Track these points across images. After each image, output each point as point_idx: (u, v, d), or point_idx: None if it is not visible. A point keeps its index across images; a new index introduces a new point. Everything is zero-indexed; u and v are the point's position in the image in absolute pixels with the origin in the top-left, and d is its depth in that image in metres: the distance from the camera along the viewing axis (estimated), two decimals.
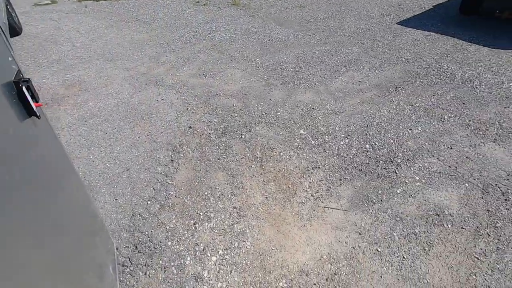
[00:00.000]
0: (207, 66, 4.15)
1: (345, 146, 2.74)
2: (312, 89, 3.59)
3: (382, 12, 5.81)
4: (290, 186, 2.38)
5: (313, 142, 2.79)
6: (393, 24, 5.29)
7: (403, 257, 1.89)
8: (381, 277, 1.80)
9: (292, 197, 2.30)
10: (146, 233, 2.07)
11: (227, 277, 1.82)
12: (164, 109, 3.30)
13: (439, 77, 3.76)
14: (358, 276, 1.81)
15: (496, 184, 2.34)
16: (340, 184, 2.39)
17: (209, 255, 1.94)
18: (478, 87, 3.53)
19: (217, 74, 3.96)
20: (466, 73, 3.80)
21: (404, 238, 2.00)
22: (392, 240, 1.99)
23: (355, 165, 2.55)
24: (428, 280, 1.78)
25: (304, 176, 2.46)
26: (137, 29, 5.46)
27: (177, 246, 1.99)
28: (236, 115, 3.18)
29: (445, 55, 4.26)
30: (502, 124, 2.95)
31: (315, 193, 2.32)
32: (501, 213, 2.13)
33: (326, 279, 1.80)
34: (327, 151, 2.69)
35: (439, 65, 4.00)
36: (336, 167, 2.53)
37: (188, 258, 1.92)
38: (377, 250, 1.94)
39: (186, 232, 2.07)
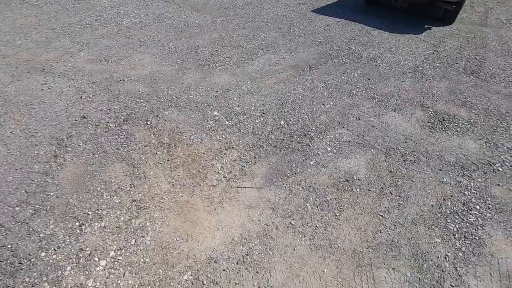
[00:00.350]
0: (111, 52, 3.64)
1: (260, 124, 2.63)
2: (228, 71, 3.42)
3: (298, 1, 5.99)
4: (200, 170, 2.16)
5: (227, 122, 2.61)
6: (308, 11, 5.48)
7: (316, 226, 1.84)
8: (294, 249, 1.71)
9: (202, 181, 2.07)
10: (9, 246, 1.60)
11: (119, 282, 1.50)
12: (51, 99, 2.74)
13: (348, 57, 3.97)
14: (271, 253, 1.68)
15: (397, 147, 2.50)
16: (255, 162, 2.26)
17: (96, 259, 1.59)
18: (380, 65, 3.83)
19: (123, 59, 3.50)
20: (371, 53, 4.11)
21: (317, 207, 1.96)
22: (305, 211, 1.93)
23: (270, 142, 2.45)
24: (339, 244, 1.75)
25: (217, 157, 2.26)
26: (22, 12, 4.55)
27: (54, 256, 1.58)
28: (142, 100, 2.81)
29: (353, 38, 4.55)
30: (400, 95, 3.22)
31: (227, 174, 2.14)
32: (401, 172, 2.26)
33: (237, 262, 1.63)
34: (241, 131, 2.54)
35: (348, 47, 4.24)
36: (251, 146, 2.40)
37: (68, 268, 1.54)
38: (291, 223, 1.85)
39: (67, 237, 1.68)
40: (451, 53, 4.28)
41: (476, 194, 2.12)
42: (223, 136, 2.47)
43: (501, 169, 2.34)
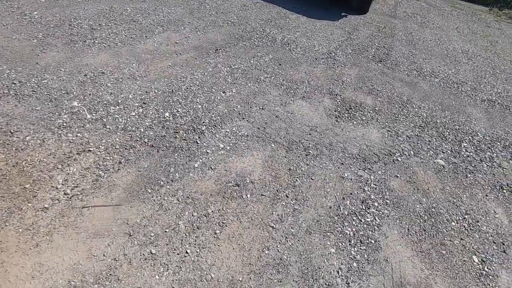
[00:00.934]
0: None
1: (137, 117, 2.07)
2: (110, 50, 2.72)
3: None
4: (28, 186, 1.51)
5: (89, 116, 1.98)
6: None
7: (186, 253, 1.40)
8: None
9: (26, 203, 1.44)
10: None
11: None
12: None
13: (262, 40, 3.61)
14: None
15: (300, 140, 2.22)
16: (118, 169, 1.70)
17: None
18: (294, 49, 3.56)
19: None
20: (286, 37, 3.82)
21: (192, 225, 1.52)
22: (176, 232, 1.48)
23: (146, 140, 1.92)
24: (213, 275, 1.35)
25: (60, 166, 1.64)
26: None
27: None
28: None
29: (270, 20, 4.22)
30: (310, 82, 2.98)
31: (71, 189, 1.54)
32: (301, 170, 1.97)
33: None
34: (108, 127, 1.94)
35: (263, 29, 3.88)
36: (117, 147, 1.83)
37: None
38: (151, 252, 1.38)
39: None
40: (363, 40, 4.27)
41: (376, 189, 1.96)
42: (78, 135, 1.83)
43: (400, 159, 2.24)
